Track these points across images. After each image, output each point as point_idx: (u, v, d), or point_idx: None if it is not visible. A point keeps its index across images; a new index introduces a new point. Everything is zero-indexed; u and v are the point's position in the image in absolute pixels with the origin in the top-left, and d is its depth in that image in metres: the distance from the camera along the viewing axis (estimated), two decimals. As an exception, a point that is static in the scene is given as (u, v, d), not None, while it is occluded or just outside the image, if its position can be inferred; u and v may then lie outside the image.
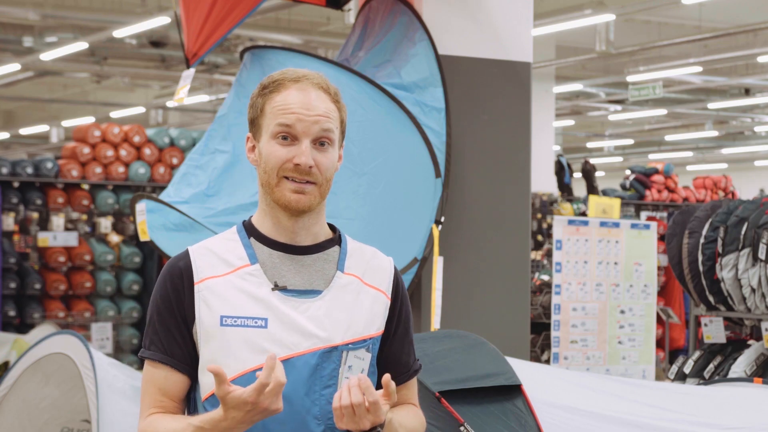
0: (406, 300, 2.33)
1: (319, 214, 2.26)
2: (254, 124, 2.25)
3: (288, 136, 2.18)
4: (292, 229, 2.22)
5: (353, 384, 2.05)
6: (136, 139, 10.63)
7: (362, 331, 2.21)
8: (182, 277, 2.19)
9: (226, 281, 2.18)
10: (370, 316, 2.24)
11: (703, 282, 6.69)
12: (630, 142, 29.42)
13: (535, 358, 8.46)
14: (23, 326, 9.71)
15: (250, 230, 2.25)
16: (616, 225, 6.99)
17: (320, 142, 2.19)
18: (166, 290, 2.20)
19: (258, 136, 2.24)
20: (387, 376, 2.08)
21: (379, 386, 2.28)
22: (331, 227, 2.31)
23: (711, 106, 21.23)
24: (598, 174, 15.68)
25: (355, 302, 2.22)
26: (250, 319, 2.15)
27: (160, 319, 2.19)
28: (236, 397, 1.99)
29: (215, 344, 2.15)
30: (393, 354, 2.29)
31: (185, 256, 2.22)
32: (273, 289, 2.17)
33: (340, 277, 2.23)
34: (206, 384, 2.18)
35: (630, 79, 17.10)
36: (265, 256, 2.21)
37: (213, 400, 2.15)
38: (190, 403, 2.24)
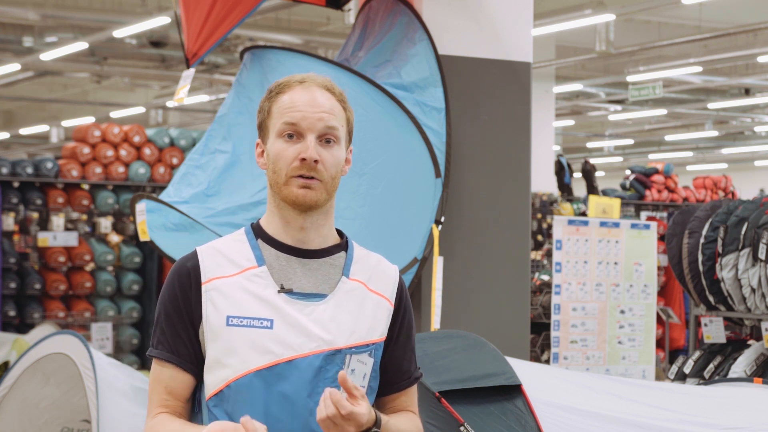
0: (409, 308, 2.35)
1: (328, 214, 2.27)
2: (262, 128, 2.28)
3: (294, 134, 2.21)
4: (301, 227, 2.23)
5: (326, 396, 2.05)
6: (136, 139, 10.64)
7: (366, 336, 2.23)
8: (190, 277, 2.21)
9: (233, 282, 2.19)
10: (374, 322, 2.25)
11: (703, 282, 6.69)
12: (630, 142, 29.42)
13: (535, 358, 8.46)
14: (23, 326, 9.71)
15: (258, 232, 2.27)
16: (616, 225, 6.99)
17: (325, 139, 2.22)
18: (174, 290, 2.21)
19: (266, 139, 2.27)
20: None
21: (379, 393, 2.31)
22: (339, 233, 2.33)
23: (711, 106, 21.23)
24: (598, 174, 15.68)
25: (359, 307, 2.24)
26: (256, 319, 2.17)
27: (167, 319, 2.21)
28: None
29: (221, 344, 2.17)
30: (394, 360, 2.31)
31: (193, 256, 2.24)
32: (279, 292, 2.19)
33: (345, 282, 2.25)
34: (210, 384, 2.19)
35: (630, 79, 17.10)
36: (272, 258, 2.23)
37: (216, 400, 2.17)
38: (195, 402, 2.25)
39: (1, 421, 5.62)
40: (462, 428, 3.49)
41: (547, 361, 8.12)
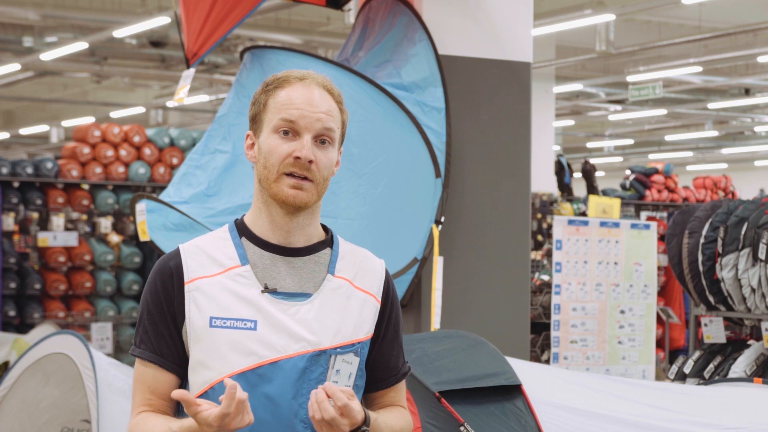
0: (396, 303, 2.33)
1: (314, 214, 2.25)
2: (255, 120, 2.25)
3: (290, 131, 2.19)
4: (286, 228, 2.21)
5: (321, 399, 2.04)
6: (136, 139, 10.63)
7: (351, 335, 2.21)
8: (172, 276, 2.18)
9: (216, 282, 2.17)
10: (360, 320, 2.23)
11: (703, 282, 6.69)
12: (630, 142, 29.42)
13: (535, 358, 8.46)
14: (23, 326, 9.71)
15: (242, 230, 2.25)
16: (616, 225, 6.99)
17: (321, 140, 2.20)
18: (156, 289, 2.19)
19: (258, 132, 2.24)
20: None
21: (367, 390, 2.30)
22: (324, 228, 2.30)
23: (711, 106, 21.23)
24: (598, 174, 15.69)
25: (344, 306, 2.22)
26: (239, 320, 2.14)
27: (150, 318, 2.19)
28: (204, 418, 1.99)
29: (204, 345, 2.15)
30: (382, 357, 2.30)
31: (176, 255, 2.21)
32: (263, 292, 2.17)
33: (331, 280, 2.23)
34: (195, 383, 2.17)
35: (630, 79, 17.10)
36: (256, 257, 2.21)
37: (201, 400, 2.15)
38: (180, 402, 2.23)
39: (1, 421, 5.62)
40: (462, 428, 3.49)
41: (547, 361, 8.11)
